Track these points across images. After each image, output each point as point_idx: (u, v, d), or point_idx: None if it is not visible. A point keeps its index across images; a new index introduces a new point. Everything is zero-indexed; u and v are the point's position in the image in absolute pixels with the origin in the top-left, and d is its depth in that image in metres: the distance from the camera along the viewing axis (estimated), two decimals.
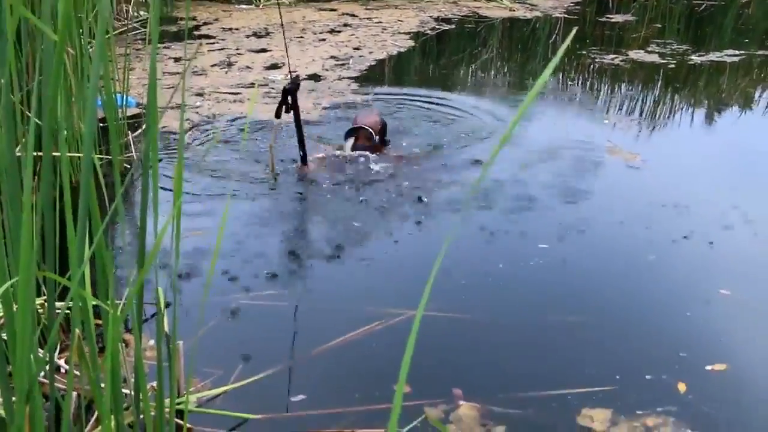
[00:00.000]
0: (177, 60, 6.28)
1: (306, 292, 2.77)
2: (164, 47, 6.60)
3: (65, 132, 2.89)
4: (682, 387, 2.23)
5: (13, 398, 1.29)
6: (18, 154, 1.40)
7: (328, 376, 2.28)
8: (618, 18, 9.29)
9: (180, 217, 1.45)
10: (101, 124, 3.32)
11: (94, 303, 1.45)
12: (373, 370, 2.30)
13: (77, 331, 1.30)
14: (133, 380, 1.68)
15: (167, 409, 1.64)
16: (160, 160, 3.85)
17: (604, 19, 9.22)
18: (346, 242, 3.14)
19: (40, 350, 1.62)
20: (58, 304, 1.58)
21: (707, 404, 2.17)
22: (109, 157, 2.36)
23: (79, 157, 3.11)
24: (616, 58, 7.02)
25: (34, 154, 1.27)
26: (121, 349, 1.59)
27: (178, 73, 5.84)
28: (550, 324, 2.57)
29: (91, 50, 3.33)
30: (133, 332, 1.56)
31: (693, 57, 7.12)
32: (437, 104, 5.40)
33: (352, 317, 2.56)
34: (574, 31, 0.78)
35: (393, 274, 2.93)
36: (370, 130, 4.02)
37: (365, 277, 2.90)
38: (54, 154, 1.41)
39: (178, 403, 1.94)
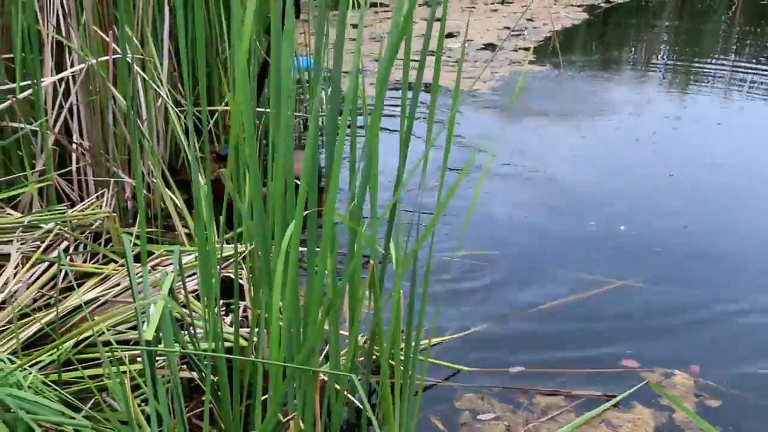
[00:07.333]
0: (354, 26, 6.45)
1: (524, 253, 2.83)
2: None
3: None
4: None
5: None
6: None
7: (544, 335, 2.32)
8: None
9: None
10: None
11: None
12: (589, 333, 2.33)
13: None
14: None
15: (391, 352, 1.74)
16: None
17: None
18: None
19: None
20: None
21: None
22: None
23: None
24: None
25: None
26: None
27: (353, 39, 6.00)
28: None
29: None
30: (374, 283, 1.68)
31: None
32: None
33: (569, 282, 2.60)
34: None
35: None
36: None
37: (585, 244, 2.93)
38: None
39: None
